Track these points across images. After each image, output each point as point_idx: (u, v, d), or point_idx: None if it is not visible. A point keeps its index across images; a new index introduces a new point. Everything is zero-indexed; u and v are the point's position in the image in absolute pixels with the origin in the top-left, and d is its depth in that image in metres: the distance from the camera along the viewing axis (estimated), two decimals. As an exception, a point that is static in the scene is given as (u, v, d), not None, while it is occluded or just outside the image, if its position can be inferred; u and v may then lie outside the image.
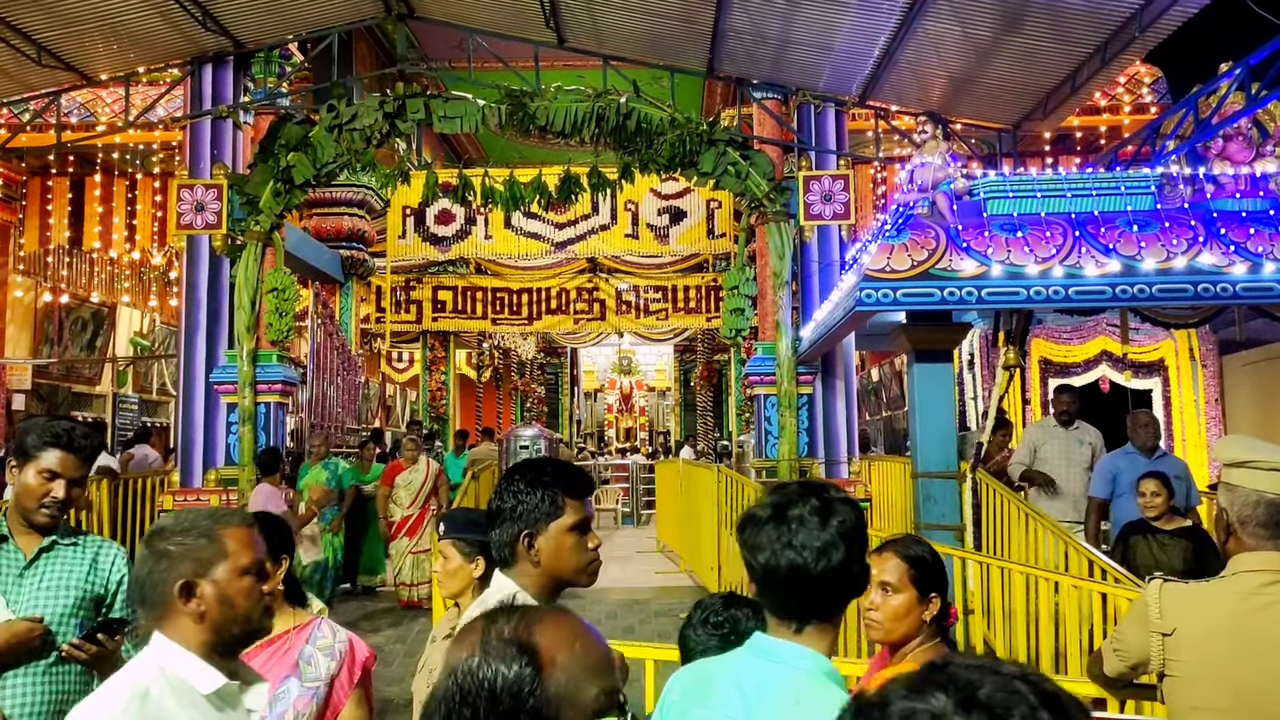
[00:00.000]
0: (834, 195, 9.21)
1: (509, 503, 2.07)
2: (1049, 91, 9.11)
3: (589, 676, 1.13)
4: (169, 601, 1.76)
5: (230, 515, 1.91)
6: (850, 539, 1.66)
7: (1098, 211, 6.37)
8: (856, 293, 6.21)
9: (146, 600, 1.78)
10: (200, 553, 1.80)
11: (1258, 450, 2.29)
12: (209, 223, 9.18)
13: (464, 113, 9.19)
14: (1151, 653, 2.32)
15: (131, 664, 1.77)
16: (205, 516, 1.87)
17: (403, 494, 9.48)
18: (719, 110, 13.02)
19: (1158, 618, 2.31)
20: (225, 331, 9.40)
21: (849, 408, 9.75)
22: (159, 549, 1.79)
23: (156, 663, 1.73)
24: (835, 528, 1.66)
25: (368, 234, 13.40)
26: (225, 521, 1.87)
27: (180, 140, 10.37)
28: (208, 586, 1.78)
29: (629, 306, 15.67)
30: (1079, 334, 10.81)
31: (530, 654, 1.12)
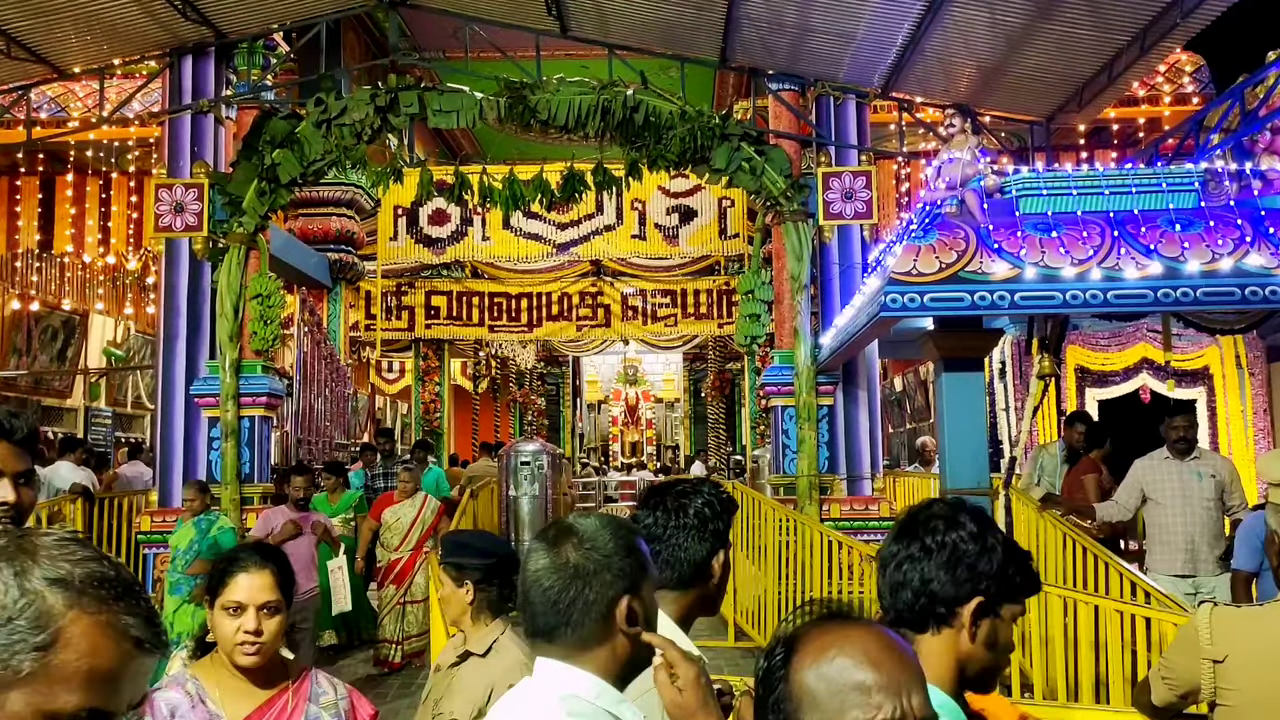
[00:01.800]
0: (855, 193, 9.24)
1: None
2: (1084, 82, 9.14)
3: (846, 694, 1.16)
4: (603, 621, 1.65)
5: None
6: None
7: (1138, 210, 6.38)
8: (881, 297, 6.23)
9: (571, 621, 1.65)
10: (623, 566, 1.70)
11: None
12: (189, 224, 9.23)
13: (461, 106, 9.23)
14: (1202, 681, 2.34)
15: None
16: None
17: (391, 534, 8.64)
18: (732, 103, 13.07)
19: (1209, 644, 2.33)
20: (206, 341, 9.44)
21: (872, 420, 9.76)
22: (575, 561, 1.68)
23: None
24: None
25: (357, 236, 13.46)
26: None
27: (158, 137, 10.44)
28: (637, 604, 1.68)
29: (635, 312, 15.72)
30: (1118, 340, 10.81)
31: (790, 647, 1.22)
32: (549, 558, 1.67)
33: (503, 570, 3.20)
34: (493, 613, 3.18)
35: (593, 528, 1.70)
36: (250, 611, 2.42)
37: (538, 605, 1.66)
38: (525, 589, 1.69)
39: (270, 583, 2.49)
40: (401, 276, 15.35)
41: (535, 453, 11.18)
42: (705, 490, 2.26)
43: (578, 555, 1.65)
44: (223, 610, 2.43)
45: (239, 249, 9.11)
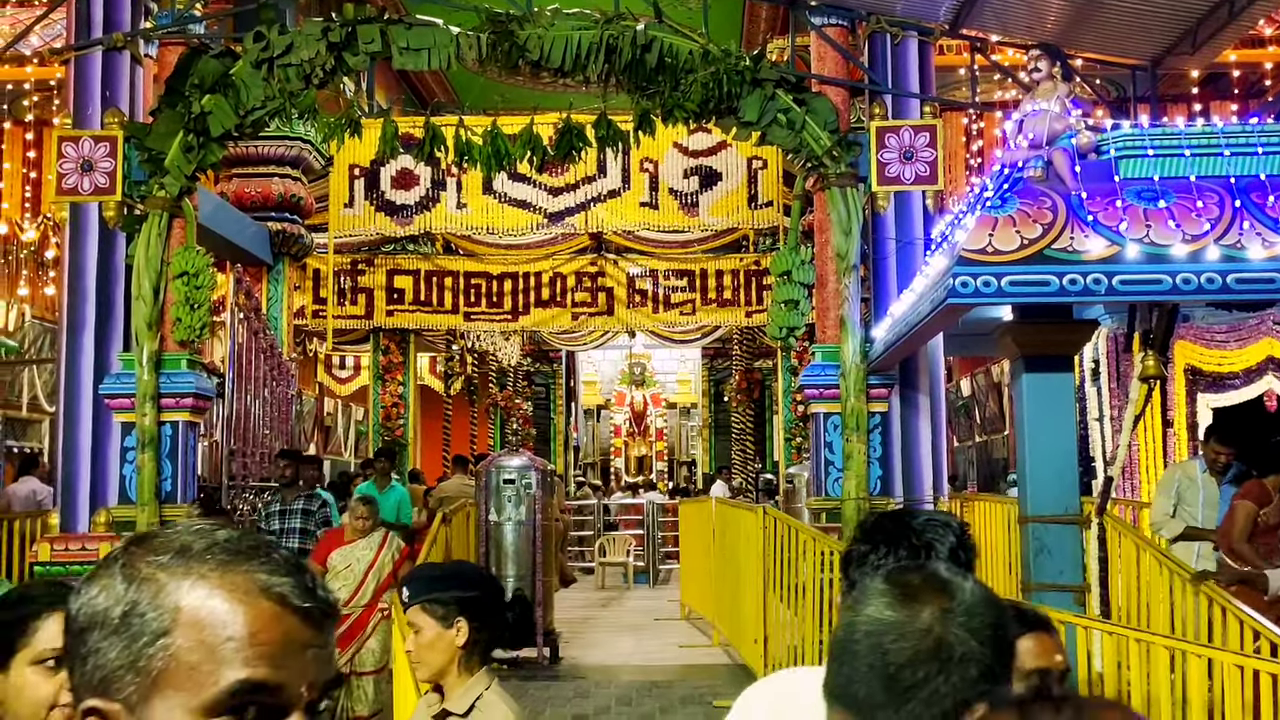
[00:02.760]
0: (917, 152, 9.25)
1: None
2: (1200, 18, 9.13)
3: None
4: None
5: None
6: None
7: (1265, 175, 6.39)
8: (949, 280, 6.24)
9: None
10: None
11: None
12: (99, 186, 9.27)
13: (433, 43, 9.25)
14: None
15: None
16: None
17: (338, 580, 7.91)
18: (765, 40, 13.09)
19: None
20: (119, 329, 9.48)
21: (936, 431, 9.78)
22: None
23: None
24: None
25: (304, 201, 13.48)
26: None
27: (61, 78, 10.48)
28: None
29: (644, 297, 15.76)
30: (1238, 335, 10.80)
31: None
32: (903, 613, 1.49)
33: (496, 606, 3.20)
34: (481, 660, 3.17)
35: (976, 597, 1.52)
36: None
37: (863, 667, 1.47)
38: (851, 640, 1.51)
39: None
40: (358, 252, 15.41)
41: (522, 469, 11.19)
42: (954, 525, 2.14)
43: (945, 628, 1.47)
44: (33, 663, 2.22)
45: (161, 217, 9.15)
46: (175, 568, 1.04)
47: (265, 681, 1.01)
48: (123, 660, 1.01)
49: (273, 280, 13.58)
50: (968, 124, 12.98)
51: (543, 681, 9.72)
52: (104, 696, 1.01)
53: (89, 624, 1.03)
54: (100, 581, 1.05)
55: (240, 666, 1.01)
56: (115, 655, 1.01)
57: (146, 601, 1.02)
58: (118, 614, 1.02)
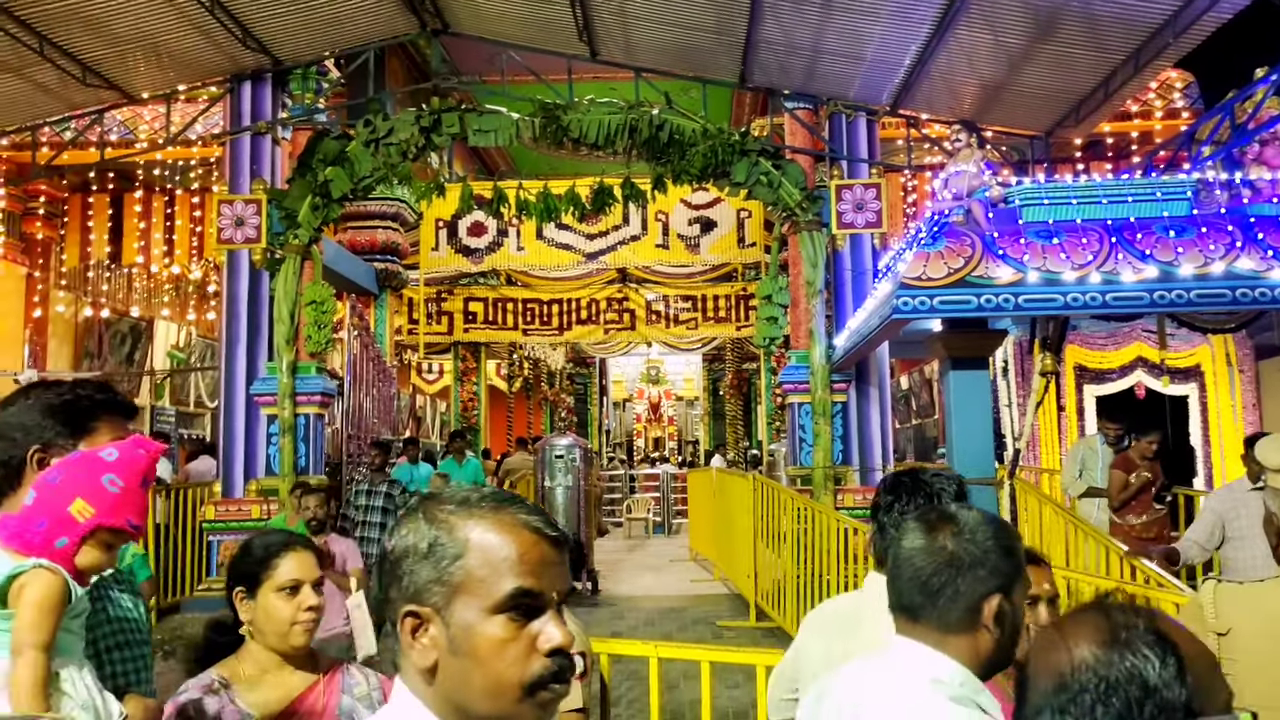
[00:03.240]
0: (866, 204, 9.26)
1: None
2: (1082, 98, 9.11)
3: (1216, 674, 1.14)
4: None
5: None
6: None
7: (1134, 218, 6.37)
8: (893, 300, 6.24)
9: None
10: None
11: None
12: (248, 237, 9.35)
13: (498, 126, 9.31)
14: (1206, 653, 2.35)
15: None
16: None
17: None
18: (750, 120, 13.09)
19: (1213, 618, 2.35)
20: (265, 344, 9.54)
21: (883, 415, 9.77)
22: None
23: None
24: None
25: (401, 246, 13.56)
26: None
27: (219, 156, 10.56)
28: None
29: (659, 316, 15.75)
30: (1114, 340, 10.76)
31: (1170, 645, 1.11)
32: (924, 540, 1.60)
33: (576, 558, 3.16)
34: None
35: (975, 521, 1.61)
36: (307, 588, 2.31)
37: (905, 582, 1.60)
38: (897, 565, 1.63)
39: (315, 561, 2.40)
40: (442, 284, 15.44)
41: (569, 446, 11.21)
42: (954, 478, 2.14)
43: (955, 544, 1.57)
44: (276, 593, 2.28)
45: (294, 259, 9.21)
46: (461, 512, 1.15)
47: (531, 589, 1.11)
48: (431, 577, 1.12)
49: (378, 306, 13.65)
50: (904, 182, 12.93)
51: (586, 607, 9.73)
52: (417, 603, 1.12)
53: (403, 554, 1.14)
54: (407, 525, 1.16)
55: (515, 578, 1.11)
56: (425, 574, 1.12)
57: (445, 536, 1.13)
58: (425, 546, 1.13)
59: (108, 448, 1.83)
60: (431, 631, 1.11)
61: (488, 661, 1.09)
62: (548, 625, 1.11)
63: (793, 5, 8.27)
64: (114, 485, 1.78)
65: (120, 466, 1.81)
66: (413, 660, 1.12)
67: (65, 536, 1.75)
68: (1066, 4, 7.53)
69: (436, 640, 1.11)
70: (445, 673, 1.10)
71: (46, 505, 1.75)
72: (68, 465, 1.82)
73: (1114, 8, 7.52)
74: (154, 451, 1.89)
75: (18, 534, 1.75)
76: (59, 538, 1.75)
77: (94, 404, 2.00)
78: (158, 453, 1.92)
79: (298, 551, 2.37)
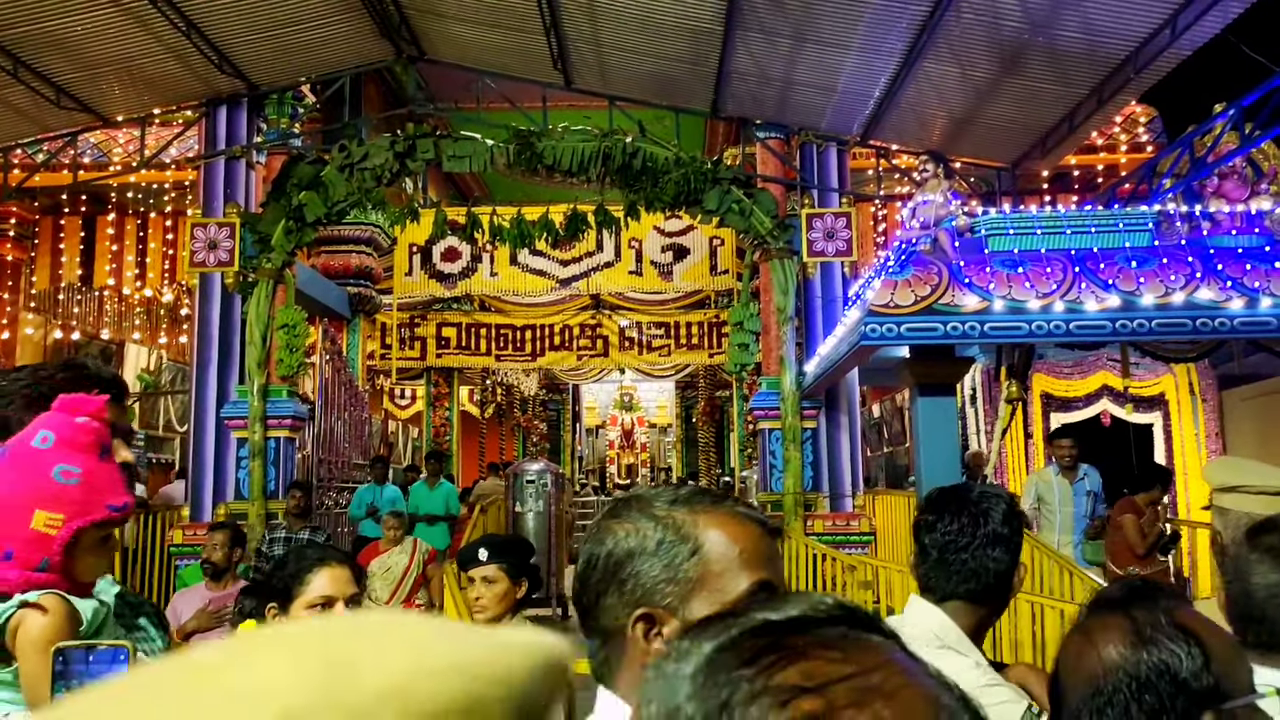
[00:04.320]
0: (836, 232, 9.36)
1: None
2: (1047, 131, 9.28)
3: (1238, 656, 1.16)
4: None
5: None
6: None
7: (1097, 248, 6.50)
8: (861, 327, 6.32)
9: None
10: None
11: (1247, 473, 2.38)
12: (221, 260, 9.31)
13: (473, 152, 9.35)
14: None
15: None
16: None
17: (378, 583, 7.08)
18: (722, 149, 13.21)
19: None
20: (236, 367, 9.48)
21: (853, 442, 9.82)
22: None
23: None
24: None
25: (375, 271, 13.52)
26: None
27: (193, 180, 10.55)
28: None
29: (631, 343, 15.77)
30: (1080, 369, 10.90)
31: (1193, 635, 1.13)
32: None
33: (538, 572, 3.18)
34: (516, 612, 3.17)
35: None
36: (340, 605, 2.25)
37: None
38: (1257, 602, 1.60)
39: (350, 576, 2.35)
40: (415, 309, 15.40)
41: (540, 472, 11.19)
42: (1005, 496, 2.05)
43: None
44: (308, 609, 2.25)
45: (267, 283, 9.18)
46: (684, 509, 1.11)
47: (768, 580, 1.08)
48: (663, 576, 1.07)
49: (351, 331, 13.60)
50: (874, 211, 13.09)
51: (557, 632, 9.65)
52: (649, 604, 1.07)
53: (626, 556, 1.09)
54: (621, 528, 1.12)
55: (752, 571, 1.08)
56: (655, 574, 1.07)
57: (672, 533, 1.08)
58: (652, 545, 1.08)
59: (38, 431, 1.45)
60: (668, 634, 1.06)
61: None
62: None
63: (765, 37, 8.39)
64: (69, 476, 1.43)
65: (65, 449, 1.45)
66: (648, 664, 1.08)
67: (44, 557, 1.43)
68: (1031, 39, 7.69)
69: None
70: None
71: (4, 530, 1.41)
72: (3, 472, 1.44)
73: (1078, 44, 7.69)
74: (96, 408, 1.50)
75: None
76: (36, 561, 1.43)
77: (54, 387, 1.60)
78: (102, 408, 1.51)
79: (332, 567, 2.33)
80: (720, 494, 1.16)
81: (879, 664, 0.49)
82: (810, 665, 0.49)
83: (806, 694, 0.47)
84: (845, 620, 0.53)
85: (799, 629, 0.52)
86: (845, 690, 0.47)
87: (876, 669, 0.49)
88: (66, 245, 12.98)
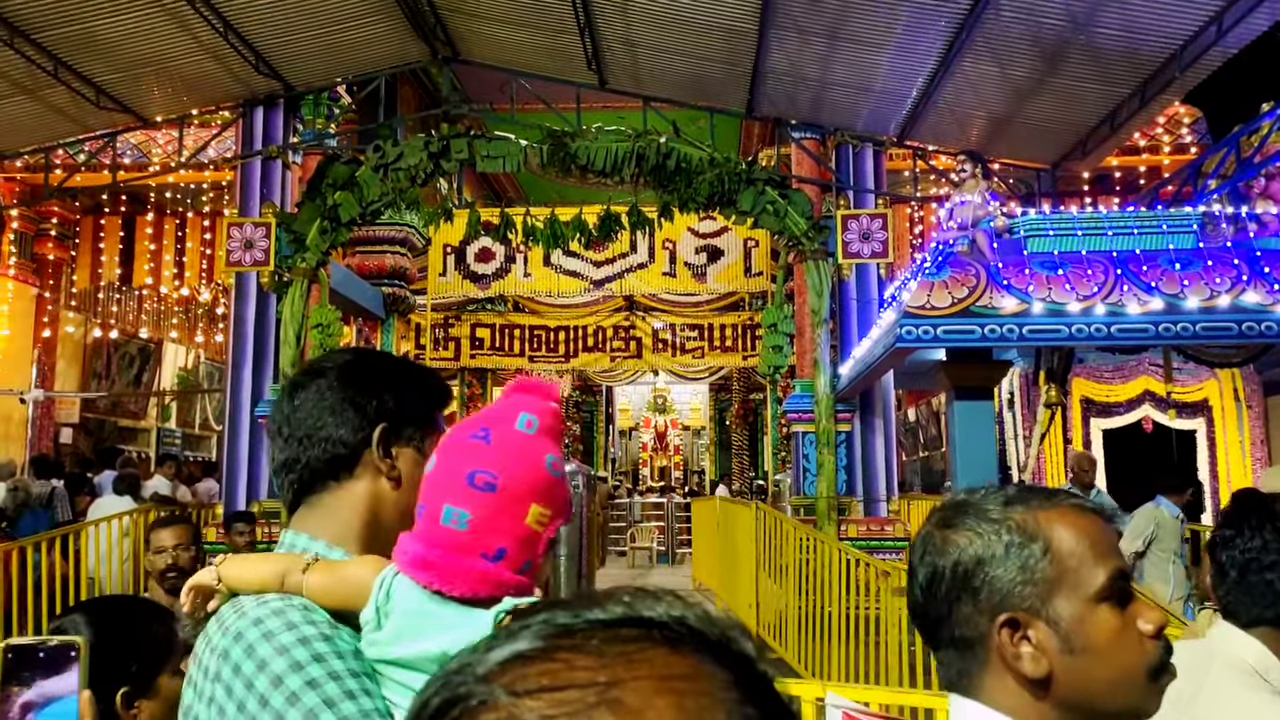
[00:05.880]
0: (872, 234, 9.26)
1: None
2: (1088, 131, 9.13)
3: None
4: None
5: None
6: None
7: (1139, 250, 6.37)
8: (897, 329, 6.24)
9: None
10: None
11: None
12: (257, 260, 9.38)
13: (507, 152, 9.35)
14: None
15: None
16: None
17: None
18: (757, 150, 13.15)
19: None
20: (270, 366, 9.56)
21: (888, 446, 9.72)
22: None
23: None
24: None
25: (409, 271, 13.59)
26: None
27: (230, 180, 10.65)
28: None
29: (665, 344, 15.73)
30: (1121, 373, 10.71)
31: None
32: None
33: None
34: None
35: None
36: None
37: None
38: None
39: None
40: (449, 310, 15.46)
41: (572, 473, 11.17)
42: None
43: None
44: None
45: (302, 282, 9.24)
46: (1020, 508, 1.10)
47: (1121, 568, 1.08)
48: (1018, 579, 1.06)
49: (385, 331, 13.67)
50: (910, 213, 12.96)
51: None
52: (1009, 609, 1.06)
53: (974, 564, 1.08)
54: (962, 537, 1.10)
55: (1106, 560, 1.07)
56: (1010, 577, 1.07)
57: (1019, 535, 1.08)
58: (1000, 550, 1.08)
59: (518, 413, 1.20)
60: (1036, 635, 1.05)
61: (1111, 653, 1.04)
62: (1142, 608, 1.08)
63: (800, 37, 8.33)
64: (556, 469, 1.20)
65: (548, 438, 1.21)
66: (1022, 670, 1.05)
67: (528, 558, 1.18)
68: (1072, 38, 7.57)
69: (1045, 644, 1.04)
70: (1065, 675, 1.04)
71: (501, 523, 1.16)
72: (499, 457, 1.18)
73: (1120, 42, 7.55)
74: (558, 395, 1.28)
75: (463, 572, 1.14)
76: (522, 562, 1.18)
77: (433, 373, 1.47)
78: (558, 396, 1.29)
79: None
80: (1046, 489, 1.14)
81: (637, 678, 0.45)
82: (553, 668, 0.46)
83: (525, 695, 0.45)
84: (666, 629, 0.48)
85: (596, 629, 0.49)
86: (567, 697, 0.44)
87: (626, 683, 0.45)
88: (106, 244, 13.18)
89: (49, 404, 13.24)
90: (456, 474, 1.16)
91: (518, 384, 1.26)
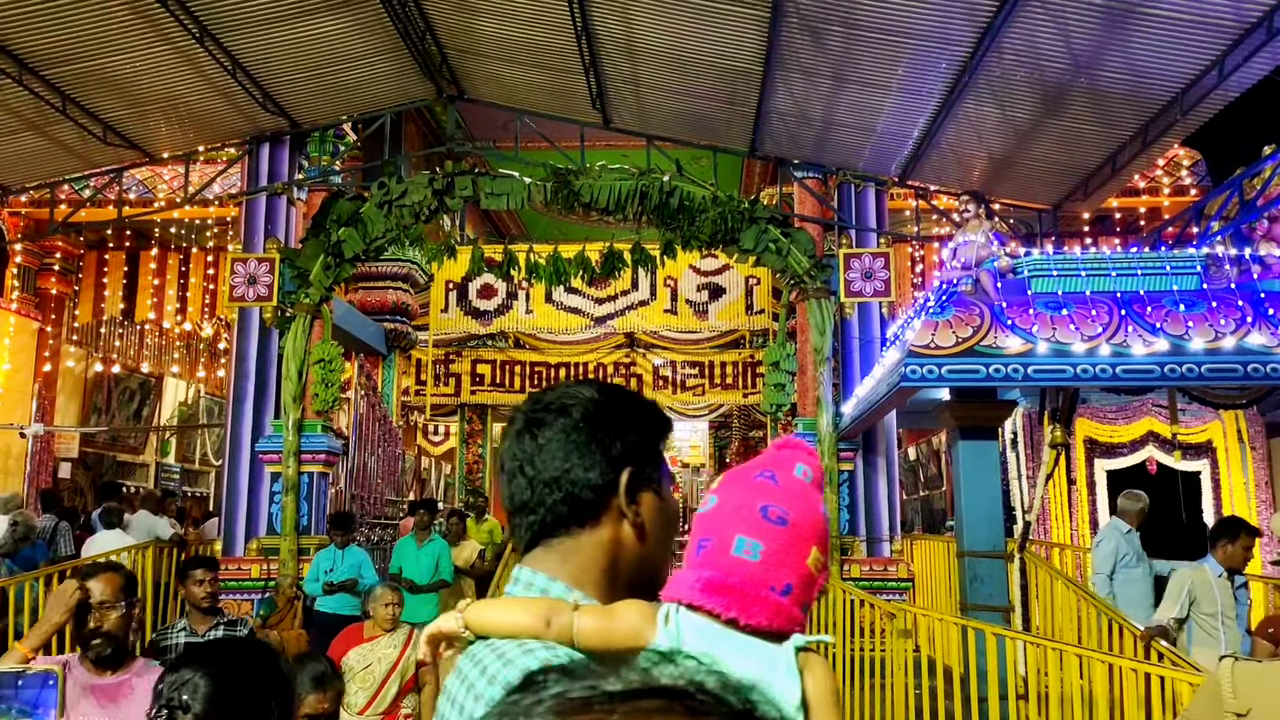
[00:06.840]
0: (874, 273, 9.28)
1: None
2: (1089, 173, 9.18)
3: None
4: None
5: None
6: None
7: (1143, 291, 6.37)
8: (901, 368, 6.22)
9: None
10: None
11: None
12: (260, 295, 9.39)
13: (511, 190, 9.40)
14: (1225, 733, 2.27)
15: None
16: None
17: (356, 684, 5.03)
18: (759, 188, 13.21)
19: (1231, 697, 2.27)
20: (272, 402, 9.52)
21: (891, 485, 9.67)
22: None
23: None
24: None
25: (411, 307, 13.62)
26: None
27: (235, 216, 10.68)
28: None
29: (666, 382, 15.71)
30: (1125, 414, 10.67)
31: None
32: None
33: None
34: None
35: None
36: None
37: None
38: None
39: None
40: (450, 346, 15.46)
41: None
42: None
43: None
44: None
45: (305, 318, 9.24)
46: None
47: None
48: None
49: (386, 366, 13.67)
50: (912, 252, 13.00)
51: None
52: None
53: None
54: None
55: None
56: None
57: None
58: None
59: (794, 463, 1.26)
60: None
61: None
62: None
63: (804, 77, 8.39)
64: (826, 520, 1.24)
65: (818, 489, 1.26)
66: None
67: (806, 600, 1.19)
68: (1074, 80, 7.62)
69: None
70: None
71: (791, 561, 1.17)
72: (788, 498, 1.22)
73: (1122, 85, 7.60)
74: (817, 454, 1.23)
75: (759, 601, 1.15)
76: (803, 601, 1.19)
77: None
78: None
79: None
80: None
81: None
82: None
83: None
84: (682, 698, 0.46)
85: (616, 702, 0.46)
86: None
87: None
88: (109, 279, 13.20)
89: (48, 438, 13.18)
90: (749, 506, 1.18)
91: (787, 440, 1.30)
